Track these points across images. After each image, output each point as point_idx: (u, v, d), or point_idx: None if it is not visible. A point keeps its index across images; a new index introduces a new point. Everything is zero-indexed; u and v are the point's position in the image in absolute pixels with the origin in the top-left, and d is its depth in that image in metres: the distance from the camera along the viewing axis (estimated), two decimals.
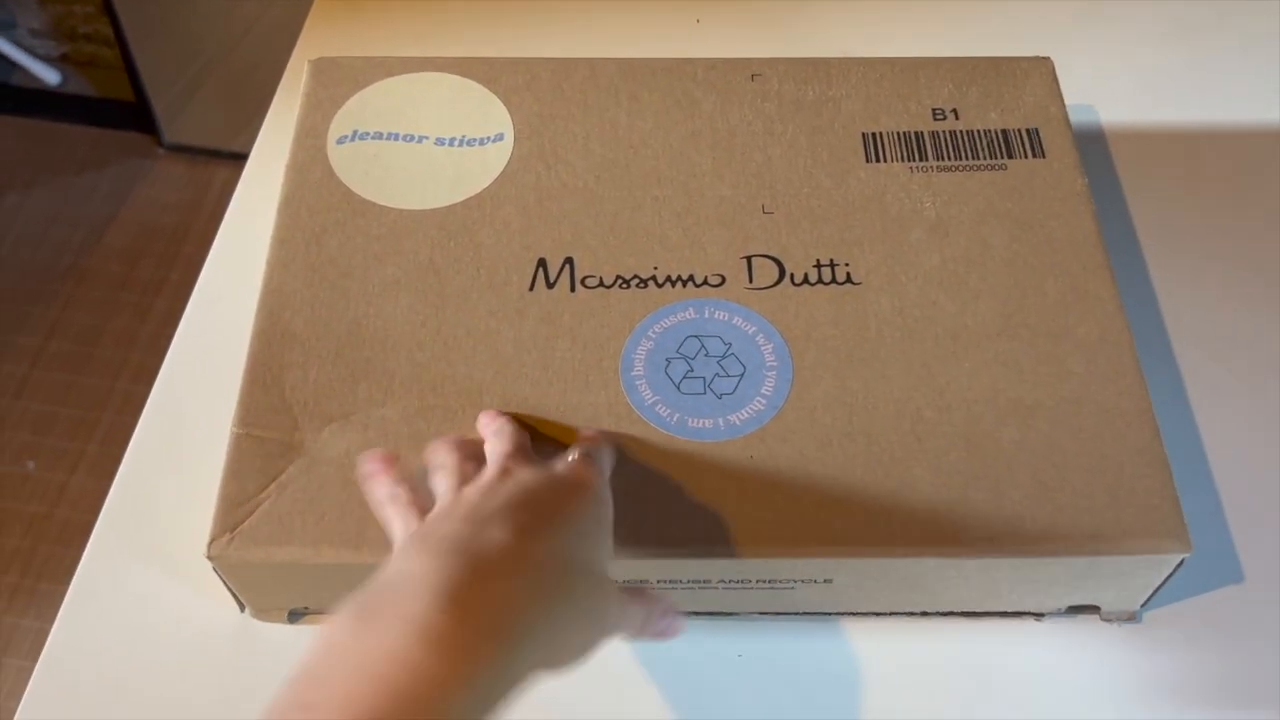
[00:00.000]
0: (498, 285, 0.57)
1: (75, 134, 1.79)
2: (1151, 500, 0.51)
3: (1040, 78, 0.66)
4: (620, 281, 0.57)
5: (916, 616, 0.56)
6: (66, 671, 0.54)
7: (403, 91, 0.65)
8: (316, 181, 0.61)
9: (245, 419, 0.53)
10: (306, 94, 0.65)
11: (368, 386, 0.54)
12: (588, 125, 0.63)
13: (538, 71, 0.66)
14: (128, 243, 1.66)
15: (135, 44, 1.62)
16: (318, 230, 0.59)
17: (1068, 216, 0.60)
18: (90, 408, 1.49)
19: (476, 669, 0.36)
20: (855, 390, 0.54)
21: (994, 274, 0.58)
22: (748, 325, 0.56)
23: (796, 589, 0.52)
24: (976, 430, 0.53)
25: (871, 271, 0.58)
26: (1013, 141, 0.63)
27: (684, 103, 0.64)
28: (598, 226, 0.59)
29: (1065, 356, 0.55)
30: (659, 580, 0.52)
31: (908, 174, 0.62)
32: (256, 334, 0.55)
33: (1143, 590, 0.54)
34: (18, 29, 1.80)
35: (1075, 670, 0.55)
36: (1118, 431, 0.53)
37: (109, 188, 1.72)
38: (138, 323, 1.57)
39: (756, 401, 0.53)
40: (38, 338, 1.56)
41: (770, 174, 0.61)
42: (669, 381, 0.54)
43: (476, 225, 0.59)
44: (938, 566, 0.50)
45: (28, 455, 1.46)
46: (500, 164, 0.62)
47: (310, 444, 0.52)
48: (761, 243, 0.59)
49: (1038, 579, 0.52)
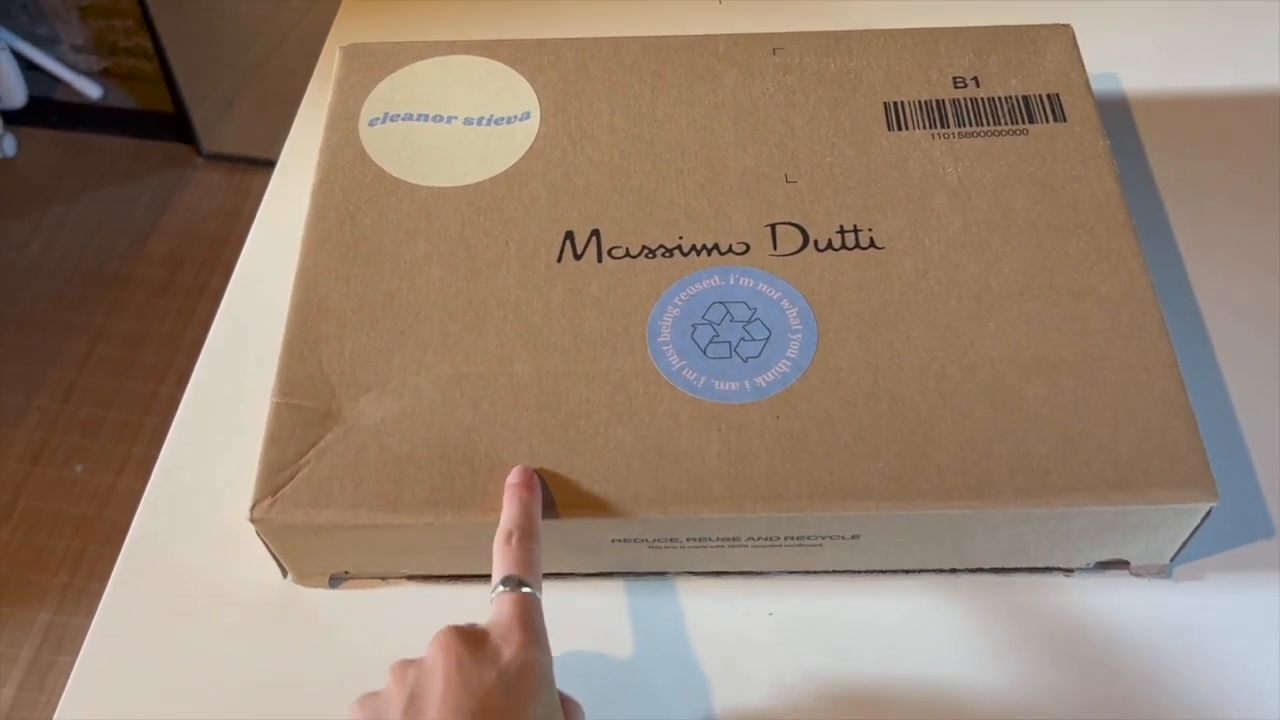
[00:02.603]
0: (526, 258, 0.58)
1: (117, 145, 1.83)
2: (1178, 450, 0.52)
3: (1060, 44, 0.66)
4: (646, 251, 0.59)
5: (945, 574, 0.57)
6: (117, 637, 0.56)
7: (431, 74, 0.67)
8: (349, 162, 0.62)
9: (284, 388, 0.54)
10: (338, 79, 0.66)
11: (402, 356, 0.55)
12: (612, 102, 0.65)
13: (562, 52, 0.67)
14: (169, 250, 1.69)
15: (174, 57, 1.65)
16: (351, 209, 0.60)
17: (1090, 178, 0.61)
18: (136, 411, 1.52)
19: None
20: (880, 351, 0.55)
21: (1016, 236, 0.58)
22: (772, 291, 0.57)
23: (825, 546, 0.53)
24: (1001, 387, 0.53)
25: (895, 236, 0.59)
26: (1034, 107, 0.64)
27: (706, 78, 0.65)
28: (623, 199, 0.60)
29: (1089, 314, 0.56)
30: (688, 538, 0.53)
31: (929, 141, 0.62)
32: (294, 308, 0.57)
33: (1171, 543, 0.54)
34: (61, 45, 1.84)
35: (1105, 625, 0.55)
36: (1142, 385, 0.53)
37: (150, 197, 1.75)
38: (180, 327, 1.60)
39: (782, 364, 0.54)
40: (84, 343, 1.59)
41: (793, 144, 0.62)
42: (695, 346, 0.55)
43: (505, 200, 0.61)
44: (965, 519, 0.51)
45: (77, 459, 1.49)
46: (527, 141, 0.63)
47: (347, 412, 0.53)
48: (785, 211, 0.60)
49: (1065, 532, 0.53)
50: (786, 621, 0.56)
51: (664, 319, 0.56)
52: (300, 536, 0.52)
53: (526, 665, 0.44)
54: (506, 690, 0.43)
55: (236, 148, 1.76)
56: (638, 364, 0.55)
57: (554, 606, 0.56)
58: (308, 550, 0.54)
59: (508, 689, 0.43)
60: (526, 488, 0.50)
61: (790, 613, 0.56)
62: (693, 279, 0.57)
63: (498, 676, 0.43)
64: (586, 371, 0.54)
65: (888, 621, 0.56)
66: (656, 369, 0.54)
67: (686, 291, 0.57)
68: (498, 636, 0.45)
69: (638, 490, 0.51)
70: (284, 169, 0.75)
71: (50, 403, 1.54)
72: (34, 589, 1.36)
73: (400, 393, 0.54)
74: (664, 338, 0.55)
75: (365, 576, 0.57)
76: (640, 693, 0.54)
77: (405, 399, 0.54)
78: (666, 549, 0.53)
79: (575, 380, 0.54)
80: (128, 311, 1.63)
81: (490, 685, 0.43)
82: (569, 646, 0.55)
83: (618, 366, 0.55)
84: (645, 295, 0.57)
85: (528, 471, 0.51)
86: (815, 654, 0.55)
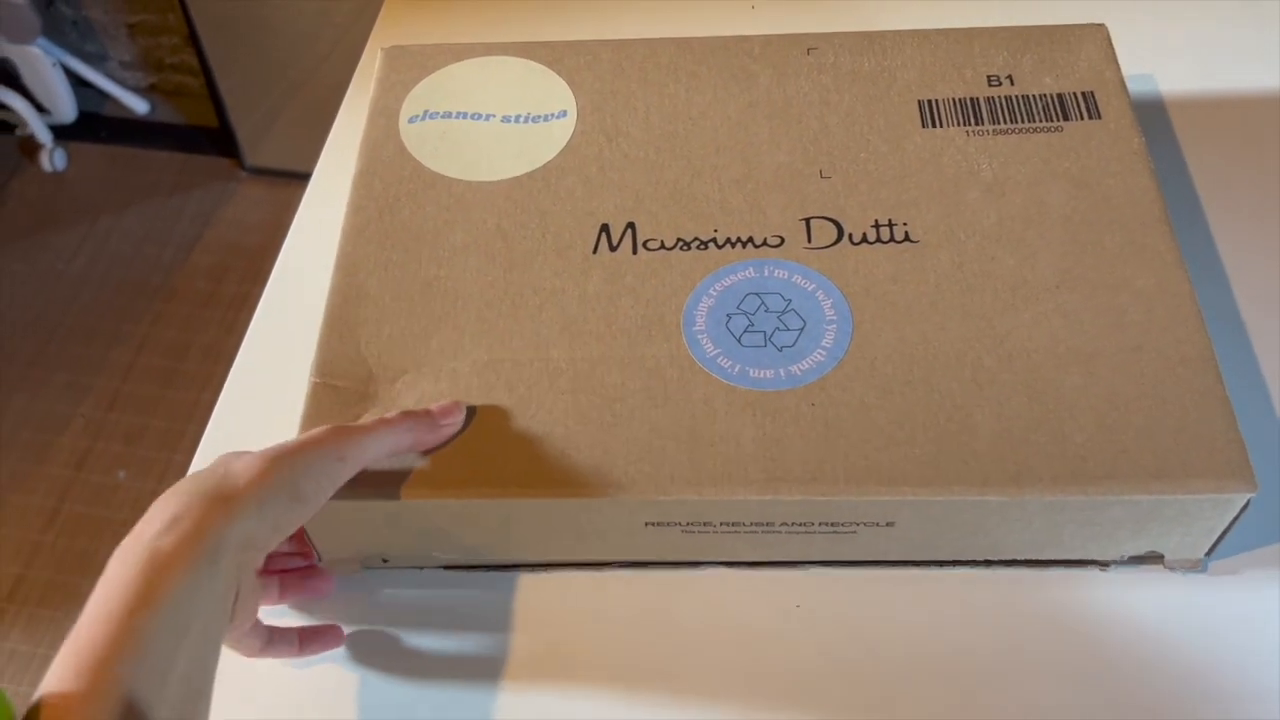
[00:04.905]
0: (562, 249, 0.58)
1: (163, 160, 1.84)
2: (1216, 442, 0.50)
3: (1095, 43, 0.65)
4: (681, 244, 0.58)
5: (979, 566, 0.55)
6: None
7: (470, 75, 0.66)
8: (389, 157, 0.62)
9: (323, 369, 0.53)
10: (379, 78, 0.66)
11: (439, 341, 0.54)
12: (648, 100, 0.64)
13: (598, 52, 0.66)
14: (213, 261, 1.70)
15: (219, 73, 1.66)
16: (390, 200, 0.60)
17: (1125, 174, 0.59)
18: (178, 419, 1.52)
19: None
20: (915, 342, 0.53)
21: (1052, 230, 0.57)
22: (807, 282, 0.56)
23: (859, 533, 0.52)
24: (1038, 377, 0.52)
25: (930, 230, 0.57)
26: (1068, 104, 0.62)
27: (741, 77, 0.65)
28: (658, 193, 0.60)
29: (1125, 306, 0.54)
30: (722, 523, 0.51)
31: (964, 138, 0.61)
32: (333, 291, 0.56)
33: (1208, 536, 0.53)
34: (109, 62, 1.85)
35: (1140, 619, 0.54)
36: (1180, 376, 0.52)
37: (195, 210, 1.76)
38: (223, 337, 1.60)
39: (817, 353, 0.53)
40: (129, 353, 1.60)
41: (827, 141, 0.61)
42: (730, 335, 0.54)
43: (541, 194, 0.60)
44: (1002, 507, 0.50)
45: (119, 465, 1.49)
46: (564, 138, 0.62)
47: (384, 394, 0.53)
48: (819, 205, 0.59)
49: (1101, 522, 0.51)
50: (813, 614, 0.54)
51: (699, 308, 0.55)
52: (335, 515, 0.51)
53: (237, 476, 0.43)
54: (195, 480, 0.43)
55: (279, 162, 1.77)
56: (673, 351, 0.53)
57: (584, 595, 0.55)
58: (343, 531, 0.53)
59: (205, 482, 0.42)
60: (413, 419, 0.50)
61: (818, 606, 0.55)
62: (727, 270, 0.56)
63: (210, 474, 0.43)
64: (622, 358, 0.53)
65: (918, 614, 0.54)
66: (691, 356, 0.53)
67: (721, 282, 0.56)
68: (262, 452, 0.44)
69: (673, 471, 0.50)
70: (323, 169, 0.74)
71: (95, 410, 1.54)
72: (77, 593, 1.36)
73: (437, 376, 0.53)
74: (699, 326, 0.54)
75: (401, 565, 0.56)
76: (666, 684, 0.53)
77: (442, 382, 0.53)
78: (700, 533, 0.52)
79: (611, 366, 0.53)
80: (172, 322, 1.63)
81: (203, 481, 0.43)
82: (596, 636, 0.54)
83: (653, 353, 0.53)
84: (680, 285, 0.56)
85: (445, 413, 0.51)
86: (843, 648, 0.53)
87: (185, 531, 0.40)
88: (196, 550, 0.40)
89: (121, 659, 0.37)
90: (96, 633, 0.37)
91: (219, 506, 0.41)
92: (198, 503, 0.41)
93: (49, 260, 1.71)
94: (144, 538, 0.40)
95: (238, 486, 0.42)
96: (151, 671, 0.37)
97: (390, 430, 0.49)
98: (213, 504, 0.41)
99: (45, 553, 1.41)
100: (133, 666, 0.37)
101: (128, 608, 0.38)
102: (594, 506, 0.50)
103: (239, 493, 0.42)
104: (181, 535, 0.40)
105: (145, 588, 0.38)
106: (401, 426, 0.49)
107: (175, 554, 0.39)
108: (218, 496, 0.42)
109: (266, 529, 0.43)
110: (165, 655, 0.38)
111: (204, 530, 0.40)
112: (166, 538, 0.40)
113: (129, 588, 0.38)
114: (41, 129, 1.78)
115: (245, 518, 0.42)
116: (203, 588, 0.40)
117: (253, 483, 0.42)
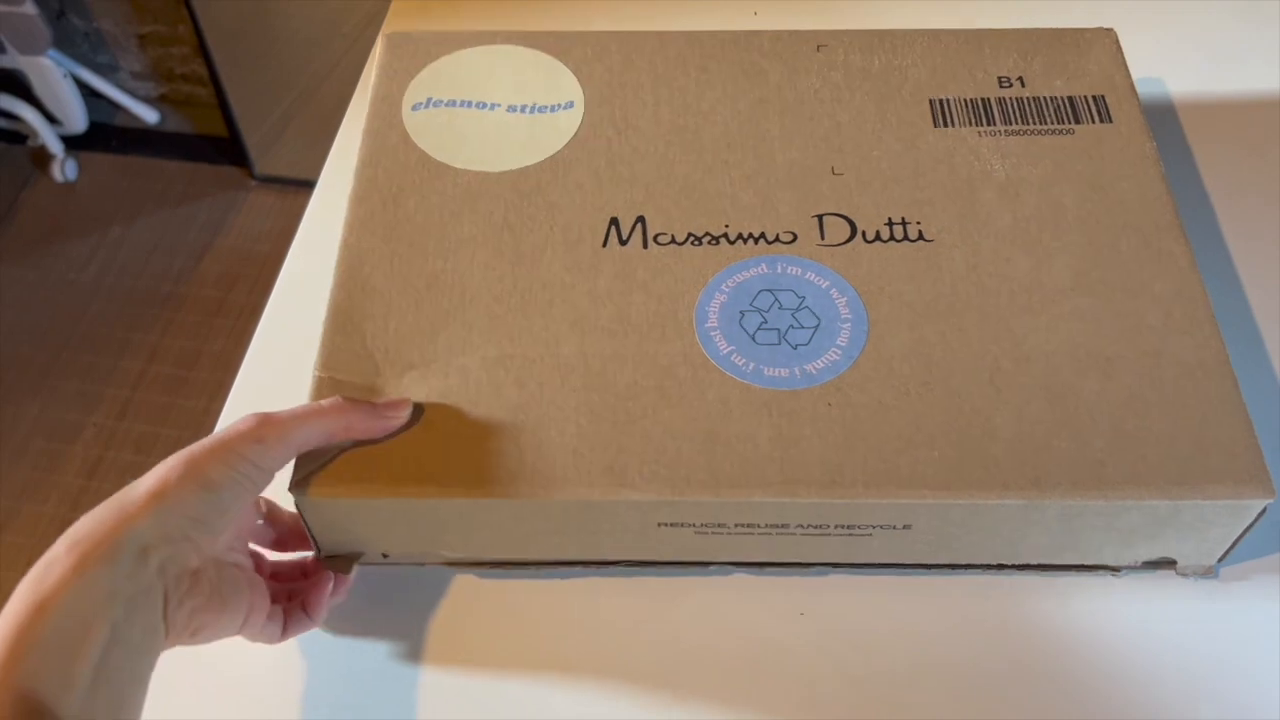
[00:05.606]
0: (571, 243, 0.54)
1: (173, 169, 1.79)
2: (1233, 448, 0.47)
3: (1104, 47, 0.62)
4: (692, 239, 0.54)
5: (992, 571, 0.52)
6: None
7: (474, 62, 0.62)
8: (393, 145, 0.58)
9: (327, 363, 0.50)
10: (381, 65, 0.62)
11: (447, 336, 0.51)
12: (657, 93, 0.60)
13: (606, 44, 0.63)
14: (223, 270, 1.65)
15: (228, 84, 1.62)
16: (395, 190, 0.56)
17: (1137, 178, 0.56)
18: (188, 427, 1.47)
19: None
20: (932, 342, 0.50)
21: (1066, 232, 0.54)
22: (821, 280, 0.52)
23: (875, 536, 0.49)
24: (1056, 381, 0.49)
25: (944, 230, 0.54)
26: (1079, 107, 0.59)
27: (751, 72, 0.61)
28: (669, 188, 0.56)
29: (1141, 311, 0.51)
30: (736, 524, 0.48)
31: (976, 138, 0.58)
32: (337, 285, 0.52)
33: (1222, 542, 0.50)
34: (120, 72, 1.81)
35: (1151, 626, 0.51)
36: (1196, 382, 0.49)
37: (205, 218, 1.71)
38: (233, 346, 1.55)
39: (832, 352, 0.50)
40: (140, 361, 1.55)
41: (839, 138, 0.58)
42: (743, 333, 0.51)
43: (549, 186, 0.56)
44: (1021, 511, 0.47)
45: (131, 474, 1.43)
46: (571, 129, 0.59)
47: (391, 389, 0.49)
48: (832, 202, 0.55)
49: (1118, 527, 0.48)
50: (820, 620, 0.51)
51: (711, 305, 0.51)
52: (341, 512, 0.47)
53: (138, 484, 0.42)
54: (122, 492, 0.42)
55: (288, 171, 1.73)
56: (685, 349, 0.50)
57: (589, 597, 0.51)
58: (347, 528, 0.49)
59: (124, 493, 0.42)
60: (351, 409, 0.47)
61: (824, 611, 0.52)
62: (740, 266, 0.53)
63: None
64: (634, 355, 0.50)
65: (925, 621, 0.51)
66: (705, 354, 0.50)
67: (733, 278, 0.52)
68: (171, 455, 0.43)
69: (689, 472, 0.46)
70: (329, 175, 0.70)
71: (106, 419, 1.49)
72: None
73: (445, 372, 0.49)
74: (711, 323, 0.51)
75: (402, 562, 0.52)
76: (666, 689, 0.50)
77: (450, 378, 0.49)
78: (713, 535, 0.49)
79: (622, 363, 0.50)
80: (182, 330, 1.58)
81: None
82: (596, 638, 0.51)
83: (665, 351, 0.50)
84: (692, 281, 0.52)
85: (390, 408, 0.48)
86: (850, 654, 0.50)
87: (76, 540, 0.40)
88: (90, 556, 0.39)
89: (15, 660, 0.37)
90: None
91: (112, 514, 0.41)
92: (94, 516, 0.41)
93: (60, 270, 1.65)
94: (44, 557, 0.40)
95: (135, 494, 0.42)
96: (51, 671, 0.37)
97: (320, 415, 0.46)
98: (105, 513, 0.41)
99: None
100: (29, 666, 0.37)
101: (20, 616, 0.38)
102: (607, 508, 0.47)
103: (135, 499, 0.41)
104: (71, 545, 0.40)
105: (36, 597, 0.38)
106: (334, 412, 0.46)
107: (66, 564, 0.39)
108: (111, 507, 0.41)
109: (178, 522, 0.42)
110: (64, 655, 0.38)
111: (97, 537, 0.40)
112: (58, 550, 0.40)
113: (24, 600, 0.38)
114: (53, 139, 1.73)
115: (142, 519, 0.41)
116: (99, 589, 0.39)
117: (150, 487, 0.42)
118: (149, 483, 0.42)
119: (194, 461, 0.42)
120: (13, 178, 1.76)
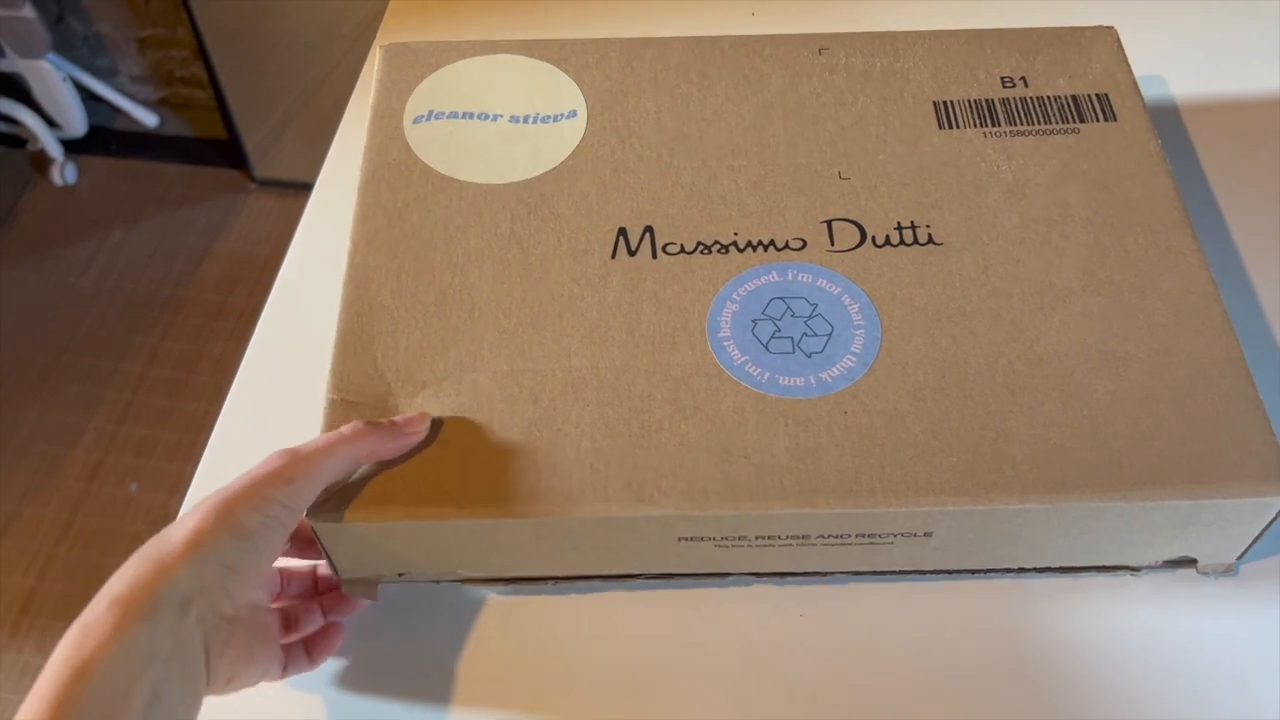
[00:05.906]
0: (579, 254, 0.52)
1: (173, 172, 1.76)
2: (1252, 446, 0.46)
3: (1106, 46, 0.61)
4: (701, 247, 0.53)
5: (1013, 574, 0.50)
6: None
7: (475, 73, 0.61)
8: (395, 160, 0.56)
9: (339, 385, 0.48)
10: (380, 78, 0.60)
11: (458, 353, 0.49)
12: (659, 101, 0.59)
13: (607, 51, 0.61)
14: (223, 273, 1.62)
15: (228, 87, 1.60)
16: (399, 206, 0.54)
17: (1144, 176, 0.55)
18: (189, 431, 1.45)
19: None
20: (945, 347, 0.49)
21: (1075, 232, 0.53)
22: (832, 286, 0.51)
23: (896, 544, 0.47)
24: (1070, 382, 0.48)
25: (953, 232, 0.53)
26: (1083, 106, 0.58)
27: (753, 78, 0.60)
28: (675, 196, 0.55)
29: (1152, 309, 0.50)
30: (757, 536, 0.47)
31: (981, 139, 0.57)
32: (345, 306, 0.51)
33: (1241, 540, 0.49)
34: (119, 76, 1.78)
35: (1172, 624, 0.50)
36: (1211, 380, 0.48)
37: (205, 222, 1.69)
38: (233, 349, 1.53)
39: (846, 359, 0.48)
40: (140, 365, 1.53)
41: (844, 142, 0.56)
42: (757, 342, 0.49)
43: (555, 197, 0.55)
44: (1043, 515, 0.45)
45: (131, 478, 1.42)
46: (575, 139, 0.57)
47: (405, 408, 0.47)
48: (840, 207, 0.54)
49: (1140, 528, 0.47)
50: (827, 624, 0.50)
51: (723, 314, 0.50)
52: (361, 536, 0.46)
53: (170, 534, 0.40)
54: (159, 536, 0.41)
55: (288, 173, 1.70)
56: (698, 359, 0.49)
57: (608, 609, 0.50)
58: (367, 552, 0.47)
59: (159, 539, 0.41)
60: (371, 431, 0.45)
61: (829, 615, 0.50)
62: (750, 274, 0.51)
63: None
64: (647, 367, 0.48)
65: (946, 624, 0.50)
66: (719, 364, 0.48)
67: (744, 287, 0.51)
68: (201, 503, 0.42)
69: (707, 485, 0.45)
70: (325, 178, 0.69)
71: (107, 423, 1.47)
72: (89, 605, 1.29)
73: (458, 389, 0.48)
74: (724, 333, 0.49)
75: (419, 580, 0.50)
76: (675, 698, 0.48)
77: (463, 395, 0.48)
78: (734, 548, 0.47)
79: (636, 375, 0.48)
80: (182, 334, 1.56)
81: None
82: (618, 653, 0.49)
83: (678, 362, 0.48)
84: (702, 291, 0.51)
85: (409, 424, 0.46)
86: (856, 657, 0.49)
87: (116, 598, 0.38)
88: (131, 614, 0.38)
89: None
90: (38, 710, 0.36)
91: (150, 567, 0.39)
92: (132, 569, 0.39)
93: (60, 273, 1.63)
94: (82, 617, 0.38)
95: (171, 544, 0.40)
96: None
97: (345, 443, 0.44)
98: (142, 566, 0.39)
99: (58, 565, 1.34)
100: None
101: (62, 682, 0.36)
102: (626, 524, 0.45)
103: (171, 549, 0.40)
104: (111, 603, 0.38)
105: (78, 660, 0.37)
106: (357, 438, 0.45)
107: (106, 624, 0.38)
108: (148, 559, 0.40)
109: (215, 573, 0.40)
110: (108, 718, 0.36)
111: (136, 592, 0.38)
112: (98, 611, 0.38)
113: (66, 664, 0.37)
114: (52, 143, 1.71)
115: (180, 570, 0.39)
116: (140, 648, 0.38)
117: (185, 536, 0.40)
118: (183, 532, 0.40)
119: (227, 508, 0.41)
120: (12, 182, 1.74)
